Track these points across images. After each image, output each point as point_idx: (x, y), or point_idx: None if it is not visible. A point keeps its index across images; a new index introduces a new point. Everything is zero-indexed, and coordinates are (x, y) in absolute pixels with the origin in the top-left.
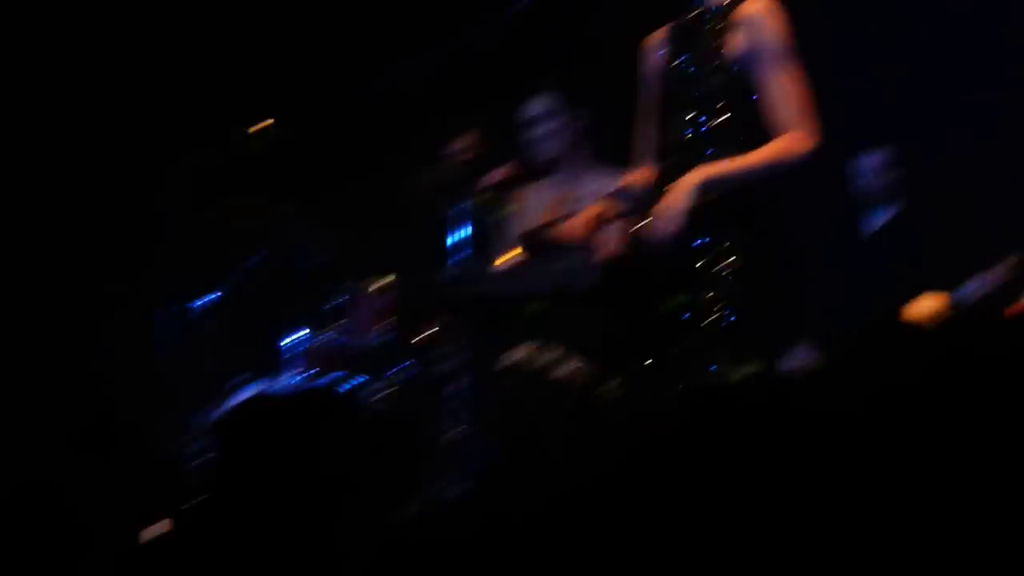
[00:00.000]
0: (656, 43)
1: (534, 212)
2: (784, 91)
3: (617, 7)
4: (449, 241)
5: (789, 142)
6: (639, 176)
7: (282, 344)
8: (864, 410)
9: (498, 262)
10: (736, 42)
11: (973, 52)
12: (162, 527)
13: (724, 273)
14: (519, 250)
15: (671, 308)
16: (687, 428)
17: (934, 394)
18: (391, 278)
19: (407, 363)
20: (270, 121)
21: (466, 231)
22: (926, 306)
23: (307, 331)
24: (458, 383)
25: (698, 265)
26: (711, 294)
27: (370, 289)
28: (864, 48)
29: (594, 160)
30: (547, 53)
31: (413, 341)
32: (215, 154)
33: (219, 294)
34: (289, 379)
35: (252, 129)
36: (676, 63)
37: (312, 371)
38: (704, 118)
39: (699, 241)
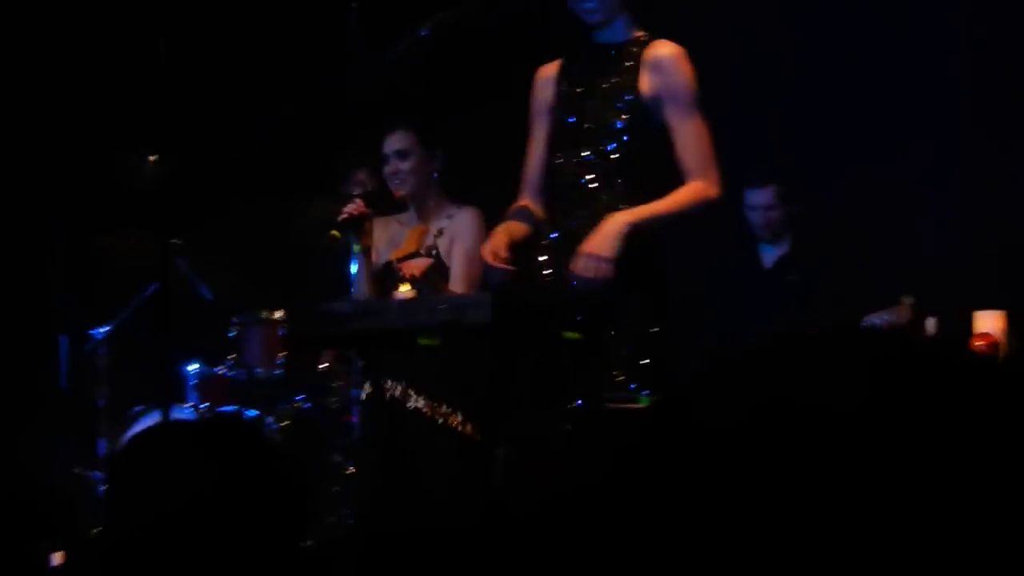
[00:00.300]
0: (551, 74)
1: (388, 247)
2: (691, 139)
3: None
4: (342, 273)
5: (697, 189)
6: (525, 207)
7: (175, 376)
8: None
9: (393, 295)
10: (644, 82)
11: (870, 85)
12: (58, 559)
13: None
14: (408, 284)
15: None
16: (588, 452)
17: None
18: (283, 311)
19: (299, 396)
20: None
21: (355, 264)
22: None
23: (199, 363)
24: (348, 417)
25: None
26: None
27: (263, 321)
28: (762, 79)
29: (447, 196)
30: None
31: (306, 374)
32: (107, 184)
33: (112, 325)
34: (182, 411)
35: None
36: (573, 95)
37: (204, 403)
38: (600, 152)
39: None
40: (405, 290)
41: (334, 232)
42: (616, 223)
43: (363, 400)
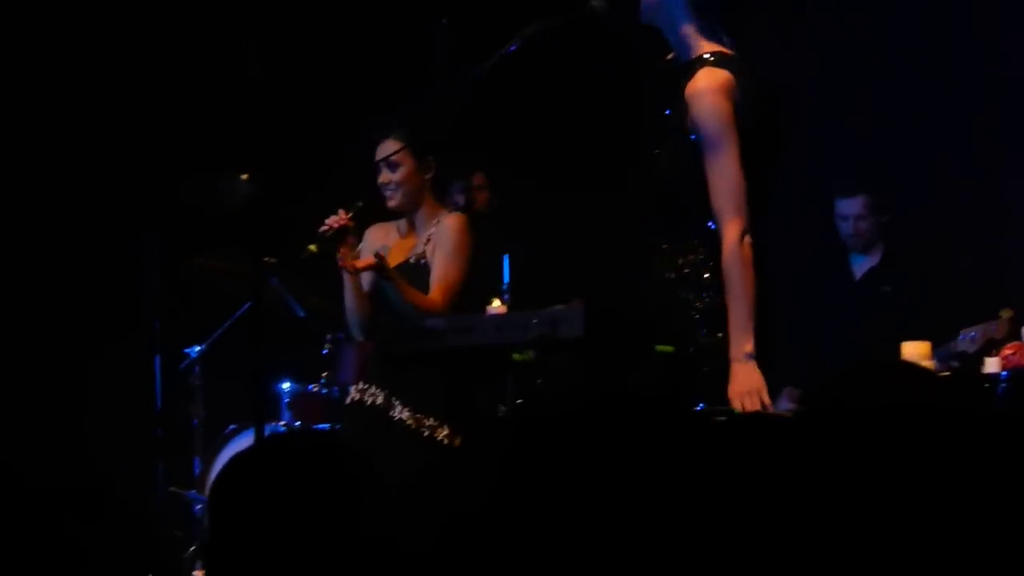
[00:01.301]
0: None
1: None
2: (712, 183)
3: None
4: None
5: (728, 250)
6: None
7: (269, 394)
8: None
9: (486, 310)
10: (686, 116)
11: (966, 89)
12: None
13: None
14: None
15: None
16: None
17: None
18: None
19: None
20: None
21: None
22: (907, 354)
23: (293, 381)
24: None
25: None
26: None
27: (356, 339)
28: (854, 88)
29: (440, 202)
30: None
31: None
32: (200, 203)
33: (206, 344)
34: (275, 429)
35: (243, 177)
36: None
37: (298, 421)
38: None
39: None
40: (497, 305)
41: (311, 247)
42: (743, 368)
43: (347, 405)
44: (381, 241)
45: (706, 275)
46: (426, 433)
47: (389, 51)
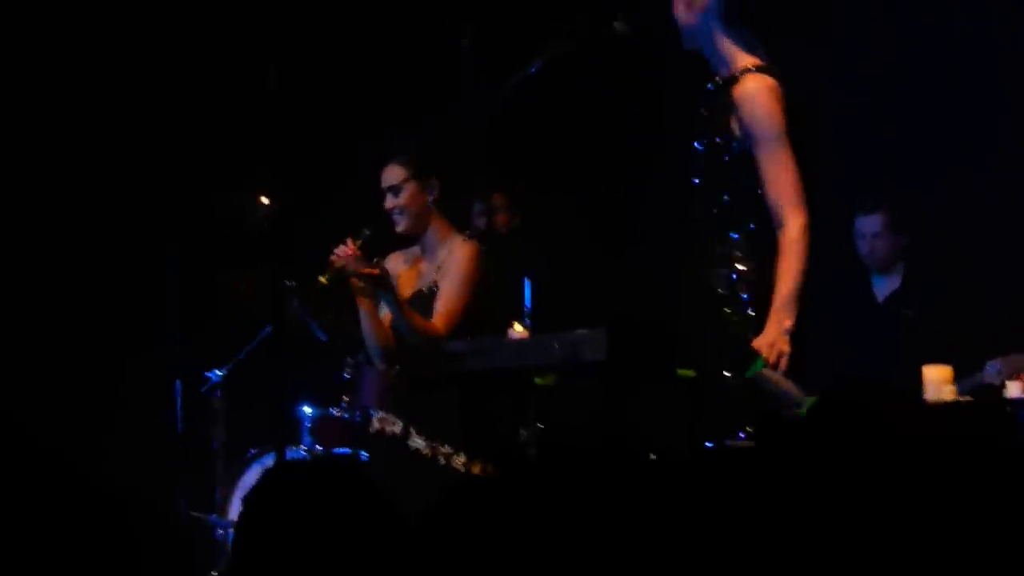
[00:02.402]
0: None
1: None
2: (773, 177)
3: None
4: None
5: (790, 237)
6: None
7: (290, 418)
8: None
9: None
10: (735, 122)
11: (992, 109)
12: None
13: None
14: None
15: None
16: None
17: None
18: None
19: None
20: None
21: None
22: (929, 378)
23: (313, 405)
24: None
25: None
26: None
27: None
28: (880, 105)
29: (451, 227)
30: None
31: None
32: (221, 225)
33: (227, 368)
34: (296, 453)
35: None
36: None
37: (318, 446)
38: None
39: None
40: (519, 329)
41: (322, 278)
42: (777, 319)
43: (371, 434)
44: (395, 269)
45: (744, 292)
46: (442, 461)
47: (411, 69)
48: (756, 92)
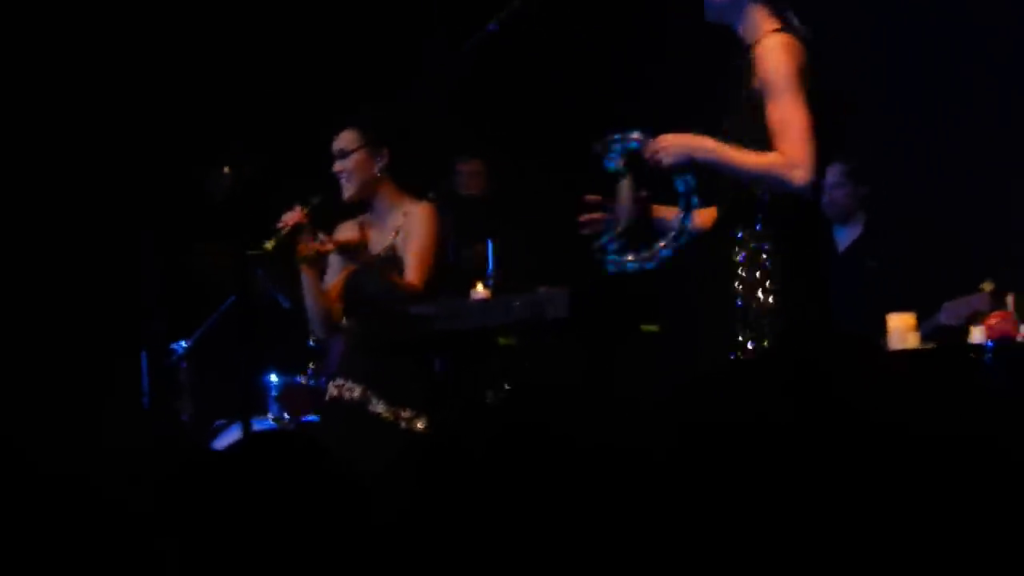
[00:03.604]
0: None
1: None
2: (780, 121)
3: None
4: None
5: (782, 165)
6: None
7: (256, 387)
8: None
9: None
10: (754, 79)
11: (947, 56)
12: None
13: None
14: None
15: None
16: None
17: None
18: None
19: None
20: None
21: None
22: (893, 326)
23: (280, 374)
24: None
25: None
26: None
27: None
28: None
29: (404, 193)
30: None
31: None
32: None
33: (192, 339)
34: (263, 422)
35: (225, 169)
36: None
37: (286, 414)
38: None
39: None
40: (480, 290)
41: (267, 244)
42: (694, 139)
43: (326, 401)
44: (347, 237)
45: (762, 277)
46: (403, 425)
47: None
48: (770, 47)
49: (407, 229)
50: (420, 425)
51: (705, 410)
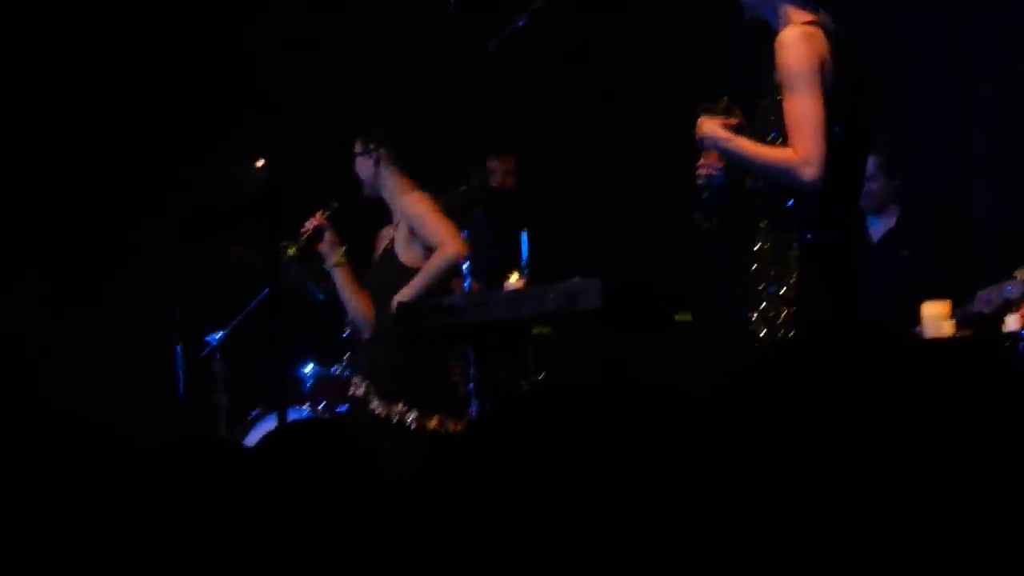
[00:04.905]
0: None
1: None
2: (793, 117)
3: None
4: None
5: (792, 161)
6: None
7: (291, 378)
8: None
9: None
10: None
11: (973, 54)
12: None
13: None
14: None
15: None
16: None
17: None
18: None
19: None
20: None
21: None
22: (927, 314)
23: (315, 364)
24: (467, 411)
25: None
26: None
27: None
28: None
29: (408, 187)
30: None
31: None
32: (216, 190)
33: (226, 331)
34: (299, 412)
35: (258, 163)
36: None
37: (321, 404)
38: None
39: None
40: (515, 280)
41: (290, 249)
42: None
43: (350, 396)
44: (387, 236)
45: (780, 267)
46: (395, 420)
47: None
48: (787, 41)
49: (410, 216)
50: (411, 418)
51: (714, 413)
